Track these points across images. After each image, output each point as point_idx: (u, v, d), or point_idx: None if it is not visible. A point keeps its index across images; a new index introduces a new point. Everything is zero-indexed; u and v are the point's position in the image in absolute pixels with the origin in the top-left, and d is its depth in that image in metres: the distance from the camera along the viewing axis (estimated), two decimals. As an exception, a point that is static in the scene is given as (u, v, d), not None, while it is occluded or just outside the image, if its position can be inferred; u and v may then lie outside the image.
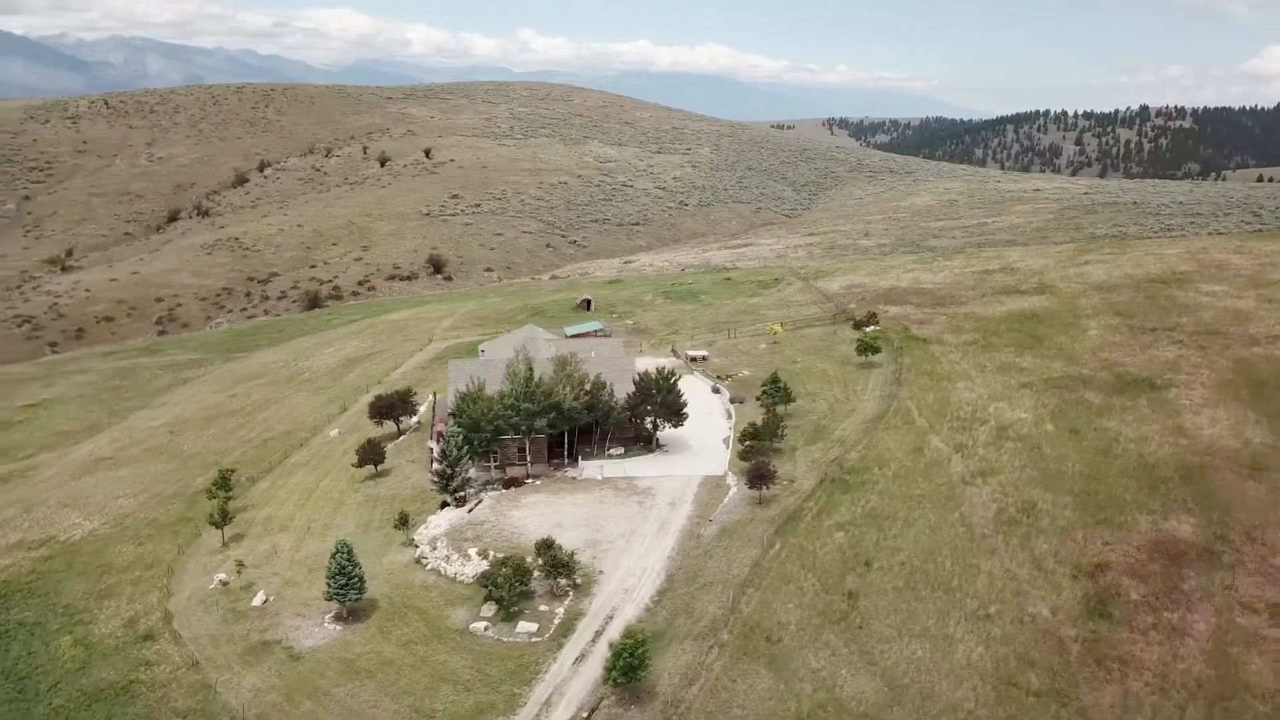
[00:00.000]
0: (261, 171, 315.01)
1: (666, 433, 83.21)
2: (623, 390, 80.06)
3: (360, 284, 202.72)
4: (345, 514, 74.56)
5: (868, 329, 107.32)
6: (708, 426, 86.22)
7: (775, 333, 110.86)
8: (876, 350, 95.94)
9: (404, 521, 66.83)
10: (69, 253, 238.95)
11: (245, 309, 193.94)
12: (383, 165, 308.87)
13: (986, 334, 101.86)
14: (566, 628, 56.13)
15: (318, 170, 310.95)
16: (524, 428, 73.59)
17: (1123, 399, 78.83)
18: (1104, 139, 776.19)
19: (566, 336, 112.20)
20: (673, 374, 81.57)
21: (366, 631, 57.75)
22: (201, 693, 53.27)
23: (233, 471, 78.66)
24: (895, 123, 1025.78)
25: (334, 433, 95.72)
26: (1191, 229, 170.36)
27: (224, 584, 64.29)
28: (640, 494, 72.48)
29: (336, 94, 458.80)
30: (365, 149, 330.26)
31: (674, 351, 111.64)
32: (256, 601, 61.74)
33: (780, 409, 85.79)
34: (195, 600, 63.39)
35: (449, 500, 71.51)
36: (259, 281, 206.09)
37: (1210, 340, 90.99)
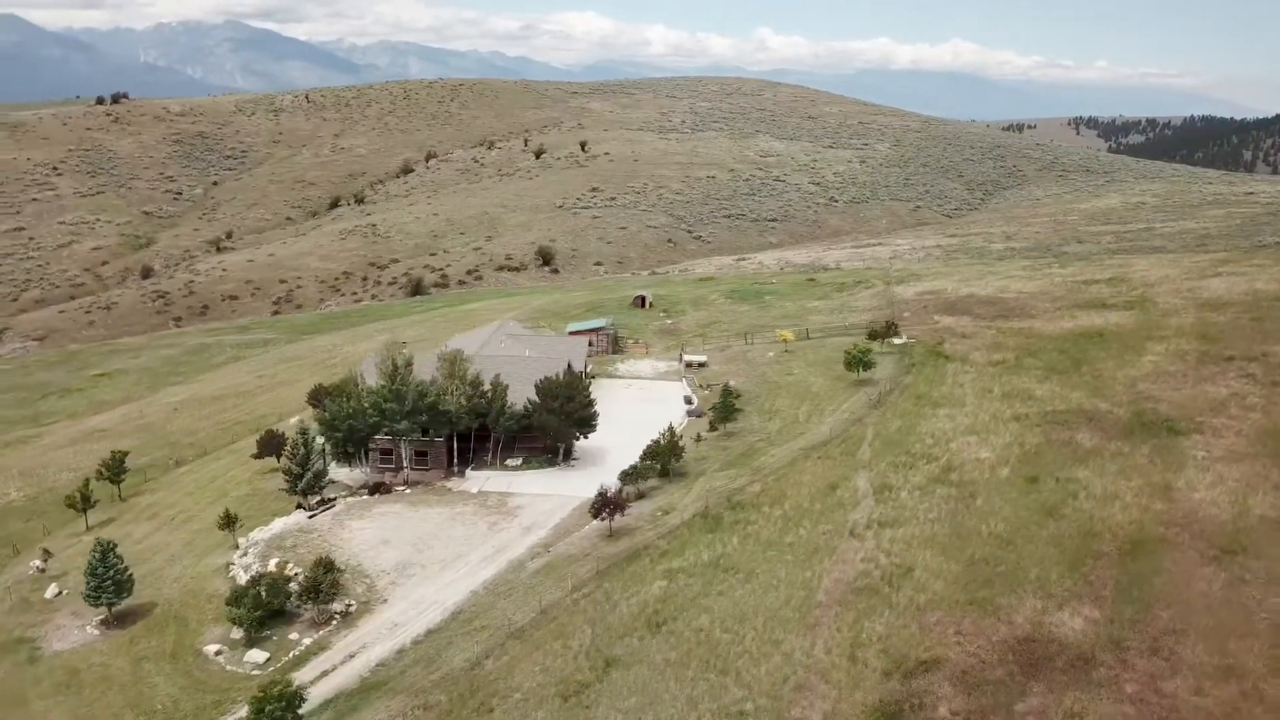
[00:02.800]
0: (427, 162, 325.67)
1: (589, 443, 74.44)
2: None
3: (469, 273, 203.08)
4: (219, 506, 70.58)
5: (894, 341, 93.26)
6: (646, 439, 76.39)
7: (786, 340, 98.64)
8: (869, 365, 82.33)
9: (229, 522, 61.91)
10: (229, 235, 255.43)
11: (356, 293, 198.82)
12: (538, 157, 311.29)
13: (1025, 353, 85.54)
14: (299, 662, 49.20)
15: (476, 162, 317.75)
16: (387, 429, 66.96)
17: (1122, 443, 62.40)
18: None
19: (568, 333, 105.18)
20: (581, 378, 72.42)
21: (118, 640, 53.27)
22: (-81, 688, 50.36)
23: (126, 454, 76.81)
24: (1153, 121, 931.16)
25: (293, 420, 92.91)
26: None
27: (41, 570, 61.86)
28: (503, 513, 64.32)
29: (523, 89, 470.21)
30: (526, 142, 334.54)
31: (680, 356, 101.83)
32: (49, 594, 58.76)
33: (721, 427, 75.08)
34: (4, 587, 61.25)
35: (302, 502, 66.15)
36: (378, 267, 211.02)
37: (1292, 376, 71.41)
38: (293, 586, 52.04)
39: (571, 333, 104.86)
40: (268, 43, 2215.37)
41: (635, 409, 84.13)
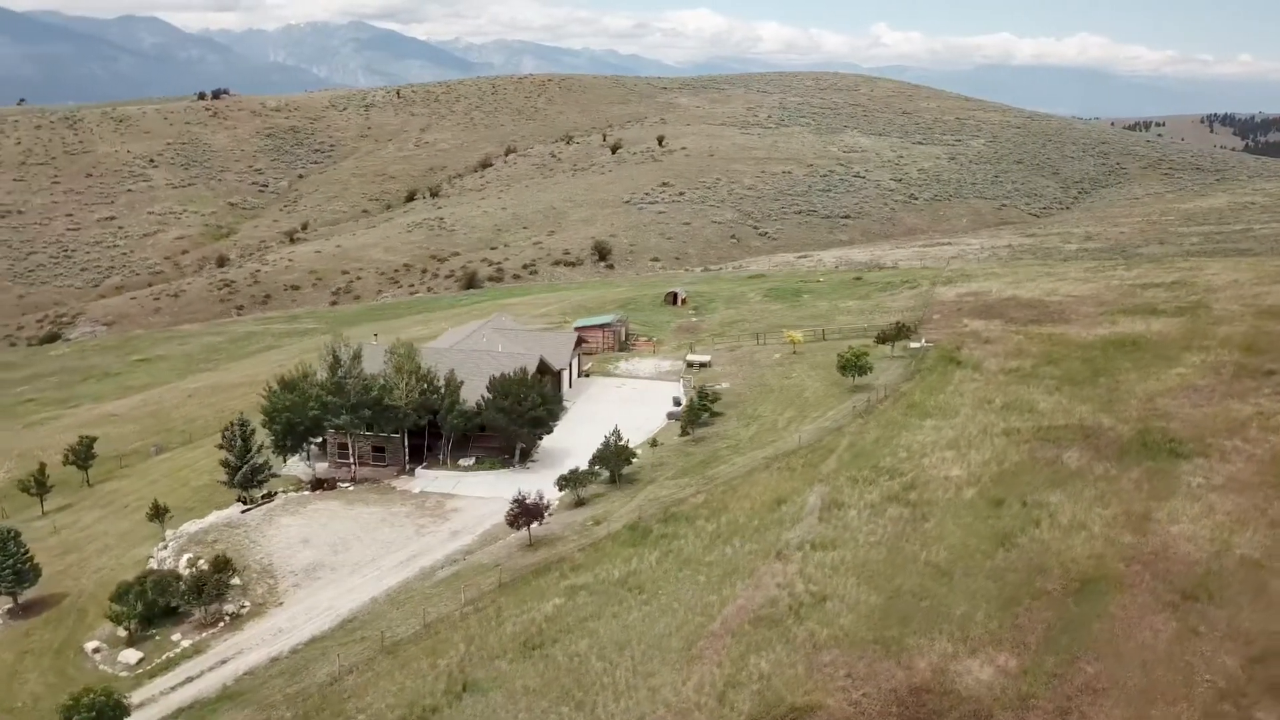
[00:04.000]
0: (506, 157, 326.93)
1: (556, 444, 71.02)
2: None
3: (524, 268, 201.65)
4: (174, 496, 69.75)
5: (910, 345, 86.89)
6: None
7: (795, 341, 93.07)
8: (864, 370, 76.39)
9: (157, 514, 60.56)
10: (304, 226, 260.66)
11: (413, 285, 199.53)
12: (614, 152, 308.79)
13: (1044, 361, 78.21)
14: (169, 665, 47.16)
15: (554, 157, 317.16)
16: (328, 423, 64.70)
17: (1113, 465, 55.57)
18: None
19: (574, 329, 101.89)
20: (533, 376, 68.85)
21: (16, 631, 52.33)
22: None
23: (95, 439, 76.73)
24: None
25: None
26: None
27: (-26, 555, 61.55)
28: (437, 516, 61.35)
29: (612, 84, 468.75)
30: (605, 137, 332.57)
31: (689, 356, 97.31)
32: (-27, 579, 58.19)
33: (691, 431, 70.64)
34: (-60, 569, 61.12)
35: (243, 496, 64.47)
36: (439, 260, 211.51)
37: (1336, 394, 62.85)
38: (180, 585, 49.94)
39: (577, 328, 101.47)
40: (389, 42, 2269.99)
41: (618, 410, 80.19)
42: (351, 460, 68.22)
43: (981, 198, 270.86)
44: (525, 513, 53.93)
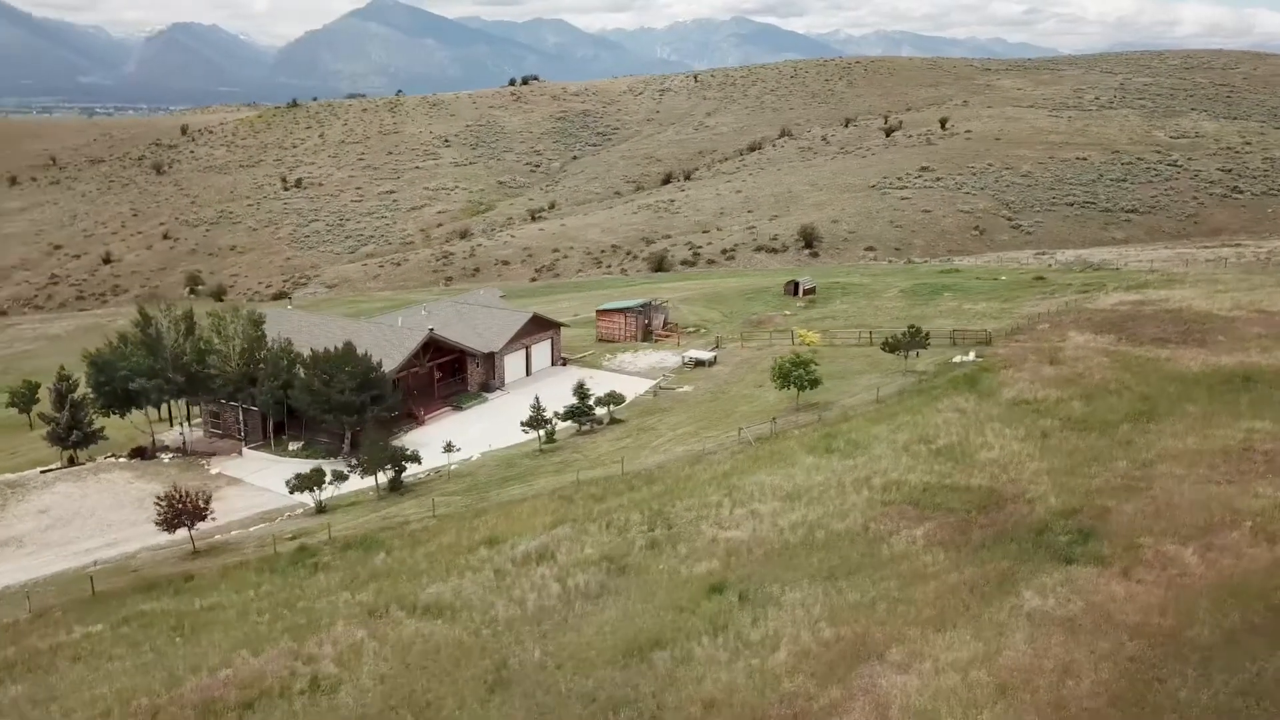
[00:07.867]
0: (777, 141, 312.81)
1: (430, 435, 61.24)
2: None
3: (722, 253, 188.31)
4: (43, 452, 68.53)
5: (955, 359, 66.21)
6: (509, 440, 61.33)
7: (809, 343, 74.59)
8: (806, 384, 57.96)
9: (-38, 465, 58.58)
10: (552, 205, 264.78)
11: (609, 267, 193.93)
12: (888, 135, 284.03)
13: (1083, 395, 55.15)
14: None
15: (824, 140, 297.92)
16: (132, 385, 59.15)
17: (953, 557, 35.61)
18: None
19: (596, 312, 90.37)
20: (351, 362, 58.64)
21: None
22: None
23: (39, 385, 77.28)
24: None
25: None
26: None
27: None
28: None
29: (927, 66, 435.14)
30: (885, 119, 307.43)
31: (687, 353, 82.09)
32: None
33: (544, 438, 57.36)
34: None
35: (74, 456, 61.09)
36: (647, 242, 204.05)
37: None
38: None
39: (599, 312, 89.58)
40: (767, 36, 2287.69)
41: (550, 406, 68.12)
42: (182, 428, 62.66)
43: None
44: (181, 513, 44.62)
